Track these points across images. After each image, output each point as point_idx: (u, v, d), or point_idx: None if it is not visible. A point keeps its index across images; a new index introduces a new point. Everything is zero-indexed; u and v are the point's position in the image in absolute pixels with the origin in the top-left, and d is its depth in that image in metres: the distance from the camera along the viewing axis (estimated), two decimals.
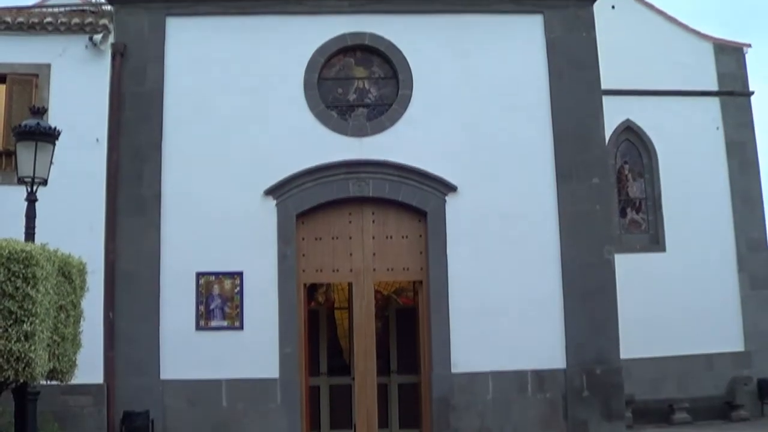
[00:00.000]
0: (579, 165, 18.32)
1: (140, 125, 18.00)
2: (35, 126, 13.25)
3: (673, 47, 24.24)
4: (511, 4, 18.82)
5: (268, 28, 18.46)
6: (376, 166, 18.07)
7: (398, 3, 18.66)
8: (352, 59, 18.89)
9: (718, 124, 24.30)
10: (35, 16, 18.42)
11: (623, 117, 23.31)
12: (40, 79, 18.14)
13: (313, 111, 18.19)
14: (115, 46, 18.23)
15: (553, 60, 18.71)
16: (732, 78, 24.75)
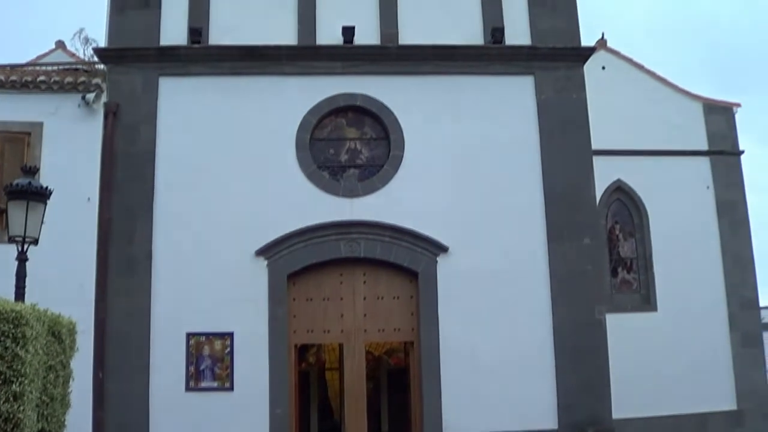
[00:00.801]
0: (570, 225, 18.31)
1: (132, 184, 17.98)
2: (27, 185, 13.26)
3: (663, 107, 24.46)
4: (501, 66, 18.96)
5: (260, 89, 18.55)
6: (368, 227, 18.06)
7: (390, 65, 18.80)
8: (344, 120, 18.97)
9: (708, 184, 24.45)
10: (28, 75, 18.47)
11: (614, 177, 23.46)
12: (32, 137, 18.13)
13: (304, 171, 18.22)
14: (108, 105, 18.27)
15: (544, 121, 18.80)
16: (722, 137, 24.96)
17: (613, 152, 22.88)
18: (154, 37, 18.84)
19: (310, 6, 19.07)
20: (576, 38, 19.41)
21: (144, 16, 18.96)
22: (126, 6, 19.03)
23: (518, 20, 19.33)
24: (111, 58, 18.69)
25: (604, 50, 24.58)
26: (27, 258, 13.28)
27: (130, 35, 18.80)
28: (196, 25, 18.72)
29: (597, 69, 23.05)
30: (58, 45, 25.28)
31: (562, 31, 19.37)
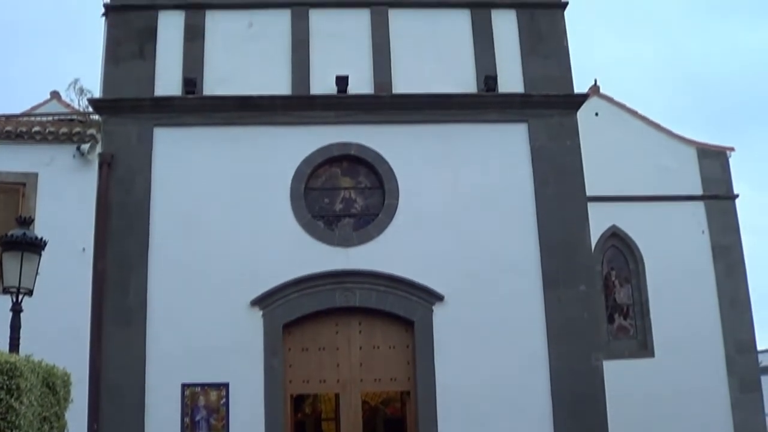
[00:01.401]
0: (566, 272, 18.28)
1: (127, 235, 17.96)
2: (22, 236, 13.24)
3: (656, 152, 24.56)
4: (495, 113, 19.03)
5: (255, 139, 18.61)
6: (363, 276, 18.03)
7: (384, 114, 18.88)
8: (339, 169, 18.99)
9: (703, 228, 24.49)
10: (23, 125, 18.52)
11: (609, 223, 23.50)
12: (27, 187, 18.14)
13: (299, 221, 18.22)
14: (103, 155, 18.29)
15: (538, 168, 18.83)
16: (716, 182, 25.03)
17: (607, 198, 22.93)
18: (148, 87, 18.95)
19: (304, 56, 19.20)
20: (569, 85, 19.52)
21: (139, 66, 19.08)
22: (121, 57, 19.16)
23: (511, 68, 19.43)
24: (106, 108, 18.79)
25: (597, 96, 24.73)
26: (21, 309, 13.21)
27: (125, 86, 18.90)
28: (191, 76, 18.83)
29: (590, 115, 23.13)
30: (53, 95, 25.37)
31: (555, 78, 19.47)
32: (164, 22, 19.41)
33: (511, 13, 19.86)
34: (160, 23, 19.40)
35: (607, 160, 22.97)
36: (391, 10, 19.61)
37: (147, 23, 19.38)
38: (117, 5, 19.51)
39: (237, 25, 19.44)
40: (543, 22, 19.88)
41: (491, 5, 19.84)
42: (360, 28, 19.45)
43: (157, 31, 19.35)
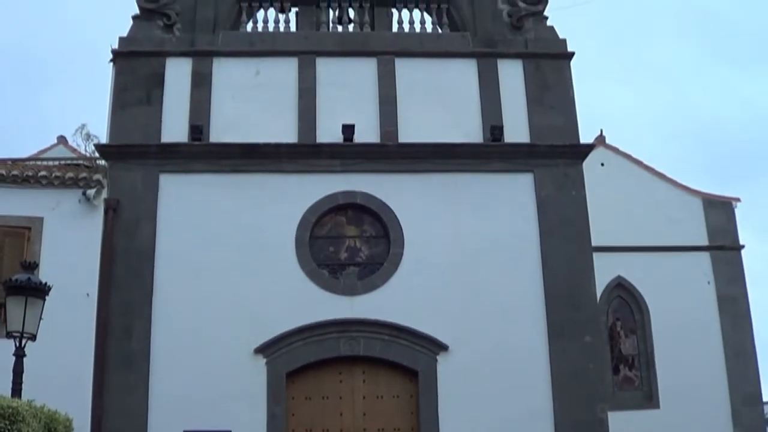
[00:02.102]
0: (571, 323, 18.19)
1: (131, 280, 17.93)
2: (26, 281, 13.29)
3: (662, 203, 24.55)
4: (501, 163, 19.06)
5: (260, 187, 18.64)
6: (367, 325, 17.98)
7: (390, 163, 18.92)
8: (344, 218, 19.00)
9: (709, 279, 24.42)
10: (30, 170, 18.57)
11: (614, 273, 23.44)
12: (32, 232, 18.13)
13: (304, 269, 18.19)
14: (109, 201, 18.31)
15: (544, 218, 18.82)
16: (722, 232, 25.00)
17: (613, 248, 22.89)
18: (155, 133, 19.02)
19: (311, 104, 19.29)
20: (575, 136, 19.56)
21: (145, 112, 19.17)
22: (128, 103, 19.25)
23: (517, 118, 19.49)
24: (112, 154, 18.86)
25: (602, 146, 24.79)
26: (24, 354, 13.22)
27: (131, 132, 18.98)
28: (197, 123, 18.91)
29: (596, 165, 23.17)
30: (59, 140, 25.53)
31: (560, 128, 19.51)
32: (172, 69, 19.51)
33: (518, 63, 19.96)
34: (168, 70, 19.51)
35: (613, 210, 22.94)
36: (397, 59, 19.74)
37: (154, 70, 19.50)
38: (125, 51, 19.62)
39: (244, 72, 19.56)
40: (549, 73, 19.96)
41: (497, 55, 19.96)
42: (367, 77, 19.58)
43: (164, 78, 19.45)
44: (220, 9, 20.20)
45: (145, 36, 19.84)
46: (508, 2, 20.54)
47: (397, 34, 20.31)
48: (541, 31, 20.40)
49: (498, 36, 20.22)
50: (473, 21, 20.38)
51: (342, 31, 20.75)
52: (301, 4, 20.75)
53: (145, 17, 20.03)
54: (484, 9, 20.48)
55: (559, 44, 20.29)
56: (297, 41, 19.98)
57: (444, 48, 20.04)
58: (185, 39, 19.81)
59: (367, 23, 20.41)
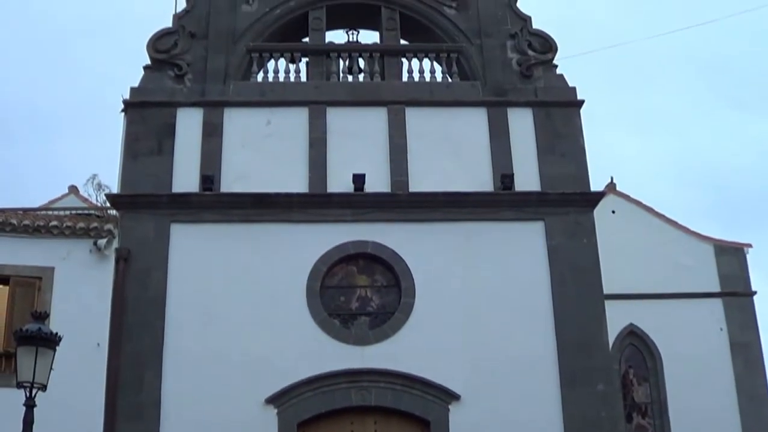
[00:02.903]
0: (583, 371, 18.08)
1: (142, 330, 17.90)
2: (36, 331, 13.34)
3: (674, 249, 24.51)
4: (512, 212, 19.06)
5: (271, 236, 18.65)
6: (379, 375, 17.89)
7: (401, 212, 18.93)
8: (355, 267, 18.96)
9: (722, 325, 24.33)
10: (41, 219, 18.63)
11: (626, 321, 23.36)
12: (43, 281, 18.16)
13: (315, 319, 18.15)
14: (120, 251, 18.32)
15: (555, 266, 18.77)
16: (734, 278, 24.93)
17: (625, 296, 22.82)
18: (166, 183, 19.07)
19: (321, 154, 19.35)
20: (585, 183, 19.57)
21: (157, 162, 19.24)
22: (139, 152, 19.33)
23: (528, 166, 19.52)
24: (123, 204, 18.90)
25: (613, 194, 24.82)
26: (35, 404, 13.26)
27: (142, 181, 19.05)
28: (208, 173, 18.96)
29: (607, 213, 23.16)
30: (71, 190, 25.63)
31: (571, 176, 19.52)
32: (183, 119, 19.61)
33: (528, 112, 20.02)
34: (179, 120, 19.61)
35: (624, 257, 22.91)
36: (408, 108, 19.82)
37: (165, 120, 19.59)
38: (136, 102, 19.74)
39: (255, 122, 19.65)
40: (559, 121, 20.00)
41: (508, 104, 20.03)
42: (377, 127, 19.65)
43: (175, 128, 19.54)
44: (231, 59, 20.33)
45: (156, 86, 19.96)
46: (517, 51, 20.67)
47: (407, 83, 20.40)
48: (551, 80, 20.49)
49: (508, 85, 20.31)
50: (483, 70, 20.47)
51: (352, 81, 20.86)
52: (311, 55, 20.91)
53: (156, 68, 20.16)
54: (493, 58, 20.59)
55: (569, 92, 20.36)
56: (307, 91, 20.08)
57: (454, 97, 20.11)
58: (196, 89, 19.92)
59: (378, 73, 20.51)
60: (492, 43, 20.76)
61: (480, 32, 20.85)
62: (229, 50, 20.41)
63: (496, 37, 20.84)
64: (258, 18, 20.85)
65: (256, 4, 20.99)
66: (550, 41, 20.83)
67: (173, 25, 20.64)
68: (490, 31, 20.87)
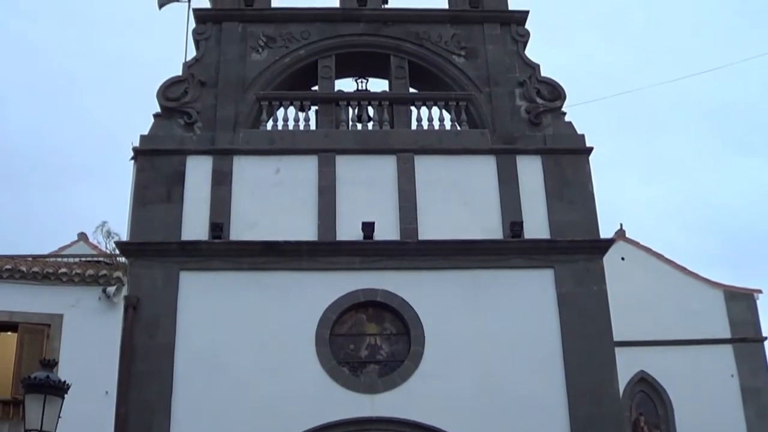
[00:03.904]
0: (594, 419, 17.96)
1: (150, 379, 17.84)
2: (45, 379, 13.36)
3: (683, 296, 24.51)
4: (521, 259, 19.05)
5: (280, 284, 18.64)
6: (388, 423, 17.79)
7: (410, 260, 18.92)
8: (364, 315, 18.91)
9: (732, 372, 24.27)
10: (50, 267, 18.65)
11: (637, 368, 23.31)
12: (52, 329, 18.14)
13: (324, 367, 18.07)
14: (129, 299, 18.31)
15: (565, 314, 18.71)
16: (744, 324, 24.92)
17: (635, 343, 22.80)
18: (175, 231, 19.08)
19: (330, 202, 19.38)
20: (594, 231, 19.55)
21: (166, 210, 19.27)
22: (148, 200, 19.37)
23: (537, 214, 19.53)
24: (132, 251, 18.92)
25: (623, 240, 24.87)
26: None
27: (152, 229, 19.07)
28: (218, 221, 18.99)
29: (617, 259, 23.17)
30: (80, 237, 25.72)
31: (580, 223, 19.51)
32: (192, 167, 19.66)
33: (537, 159, 20.06)
34: (188, 168, 19.67)
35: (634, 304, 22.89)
36: (417, 156, 19.88)
37: (175, 168, 19.65)
38: (146, 149, 19.81)
39: (264, 170, 19.70)
40: (568, 168, 20.03)
41: (517, 152, 20.08)
42: (386, 175, 19.70)
43: (185, 176, 19.59)
44: (241, 108, 20.43)
45: (166, 134, 20.06)
46: (526, 99, 20.76)
47: (416, 131, 20.47)
48: (560, 127, 20.55)
49: (517, 132, 20.37)
50: (492, 118, 20.55)
51: (361, 129, 20.97)
52: (320, 103, 20.99)
53: (166, 116, 20.28)
54: (502, 106, 20.68)
55: (578, 140, 20.41)
56: (317, 139, 20.16)
57: (463, 145, 20.17)
58: (206, 137, 20.01)
59: (387, 121, 20.59)
60: (501, 91, 20.87)
61: (489, 80, 20.98)
62: (238, 98, 20.52)
63: (505, 85, 20.95)
64: (267, 66, 21.00)
65: (266, 52, 21.15)
66: (558, 89, 20.93)
67: (183, 73, 20.78)
68: (498, 79, 21.00)
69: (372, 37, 21.61)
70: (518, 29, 21.70)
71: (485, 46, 21.41)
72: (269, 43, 21.23)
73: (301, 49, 21.27)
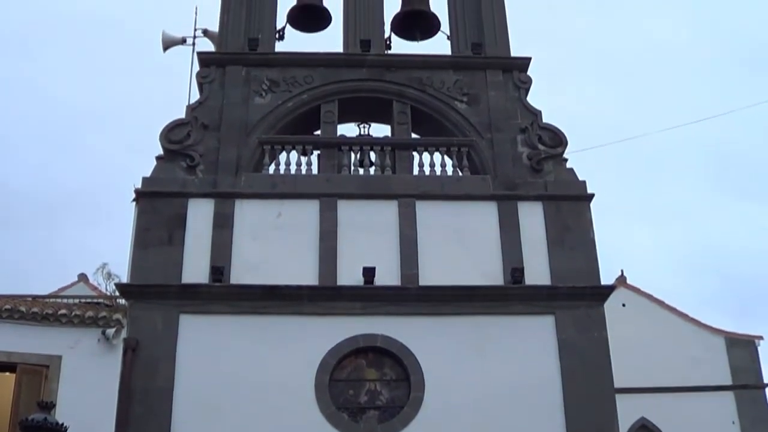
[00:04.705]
0: None
1: (149, 421, 17.73)
2: (42, 421, 13.46)
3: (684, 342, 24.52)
4: (522, 306, 19.01)
5: (280, 329, 18.57)
6: None
7: (410, 305, 18.87)
8: (364, 361, 18.81)
9: (734, 419, 24.24)
10: (50, 307, 18.63)
11: (638, 415, 23.31)
12: (50, 370, 18.06)
13: (323, 413, 17.95)
14: (128, 341, 18.24)
15: (566, 360, 18.65)
16: (746, 371, 24.92)
17: (636, 390, 22.73)
18: (176, 274, 19.04)
19: (332, 246, 19.36)
20: (595, 277, 19.53)
21: (167, 253, 19.23)
22: (149, 243, 19.34)
23: (538, 260, 19.51)
24: (132, 294, 18.87)
25: (624, 287, 24.91)
26: None
27: (152, 272, 19.03)
28: (218, 264, 18.95)
29: (618, 306, 23.18)
30: (80, 278, 25.75)
31: (581, 270, 19.49)
32: (194, 210, 19.67)
33: (538, 205, 20.06)
34: (190, 211, 19.66)
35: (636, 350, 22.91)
36: (418, 202, 19.88)
37: (176, 210, 19.64)
38: (147, 192, 19.83)
39: (266, 214, 19.70)
40: (569, 214, 20.04)
41: (518, 198, 20.11)
42: (388, 220, 19.69)
43: (186, 218, 19.57)
44: (243, 151, 20.46)
45: (168, 176, 20.08)
46: (527, 145, 20.81)
47: (418, 177, 20.51)
48: (561, 174, 20.59)
49: (518, 179, 20.41)
50: (493, 164, 20.59)
51: (363, 174, 20.92)
52: (323, 147, 21.02)
53: (168, 158, 20.30)
54: (504, 152, 20.73)
55: (579, 186, 20.44)
56: (319, 184, 20.20)
57: (464, 191, 20.22)
58: (208, 180, 20.04)
59: (389, 166, 20.61)
60: (502, 137, 20.92)
61: (491, 126, 21.03)
62: (241, 142, 20.57)
63: (507, 131, 21.02)
64: (270, 110, 21.07)
65: (269, 96, 21.23)
66: (560, 135, 20.98)
67: (186, 116, 20.85)
68: (500, 125, 21.06)
69: (375, 82, 21.73)
70: (520, 76, 21.82)
71: (487, 92, 21.51)
72: (272, 87, 21.33)
73: (303, 93, 21.37)
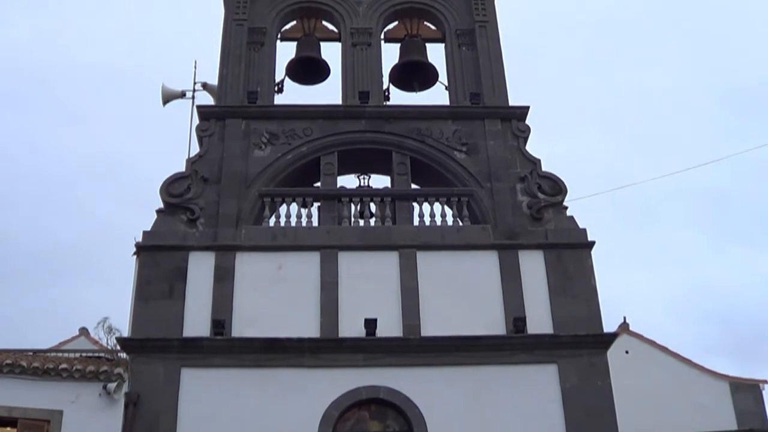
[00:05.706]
0: None
1: None
2: None
3: (689, 388, 24.42)
4: (524, 355, 18.93)
5: (282, 381, 18.47)
6: None
7: (412, 357, 18.80)
8: (367, 413, 18.65)
9: None
10: (50, 362, 18.57)
11: None
12: (51, 425, 17.96)
13: None
14: (129, 395, 18.15)
15: (570, 409, 18.53)
16: (751, 415, 24.82)
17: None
18: (177, 327, 19.00)
19: (333, 298, 19.34)
20: (598, 325, 19.46)
21: (168, 306, 19.21)
22: (150, 296, 19.33)
23: (540, 309, 19.47)
24: (134, 348, 18.81)
25: (627, 334, 24.84)
26: None
27: (153, 325, 18.98)
28: (220, 317, 18.91)
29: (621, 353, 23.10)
30: (81, 332, 25.70)
31: (583, 318, 19.43)
32: (194, 263, 19.67)
33: (539, 254, 20.06)
34: (191, 264, 19.67)
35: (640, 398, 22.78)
36: (419, 252, 19.89)
37: (177, 264, 19.65)
38: (148, 245, 19.85)
39: (266, 267, 19.70)
40: (570, 263, 20.03)
41: (518, 247, 20.11)
42: (388, 271, 19.67)
43: (187, 272, 19.57)
44: (243, 204, 20.51)
45: (168, 230, 20.11)
46: (527, 194, 20.86)
47: (418, 227, 20.53)
48: (562, 222, 20.61)
49: (518, 228, 20.43)
50: (493, 213, 20.61)
51: (364, 225, 20.91)
52: (323, 199, 21.08)
53: (168, 211, 20.35)
54: (504, 201, 20.76)
55: (580, 234, 20.45)
56: (319, 236, 20.21)
57: (465, 241, 20.22)
58: (208, 233, 20.06)
59: (389, 217, 20.64)
60: (502, 186, 20.96)
61: (490, 176, 21.09)
62: (241, 195, 20.62)
63: (506, 180, 21.08)
64: (270, 163, 21.14)
65: (269, 149, 21.32)
66: (559, 184, 21.04)
67: (186, 169, 20.94)
68: (500, 174, 21.13)
69: (374, 133, 21.84)
70: (519, 125, 21.93)
71: (486, 141, 21.61)
72: (272, 139, 21.44)
73: (303, 145, 21.46)
